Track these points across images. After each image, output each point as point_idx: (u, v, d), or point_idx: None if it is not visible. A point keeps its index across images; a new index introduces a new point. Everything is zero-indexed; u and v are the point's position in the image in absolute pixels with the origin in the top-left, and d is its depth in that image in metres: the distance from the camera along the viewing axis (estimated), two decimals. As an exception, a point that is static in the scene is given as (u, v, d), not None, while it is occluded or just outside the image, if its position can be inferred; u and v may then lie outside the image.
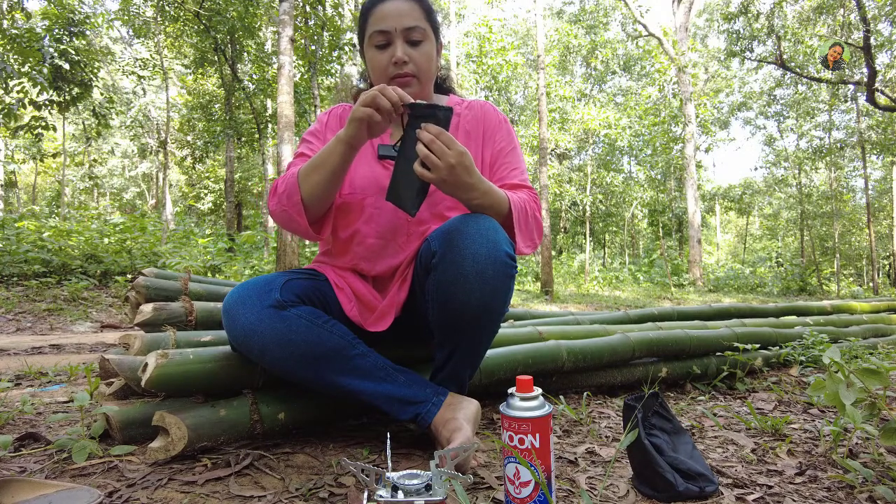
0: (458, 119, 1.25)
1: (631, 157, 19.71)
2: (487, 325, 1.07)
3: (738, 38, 10.38)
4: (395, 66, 1.12)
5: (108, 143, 20.78)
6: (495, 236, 1.01)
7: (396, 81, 1.13)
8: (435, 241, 1.05)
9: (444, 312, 1.04)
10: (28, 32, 7.03)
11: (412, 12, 1.13)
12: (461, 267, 0.99)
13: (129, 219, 8.15)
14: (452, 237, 1.01)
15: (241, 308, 1.03)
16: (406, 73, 1.13)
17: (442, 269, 1.01)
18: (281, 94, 5.61)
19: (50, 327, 3.90)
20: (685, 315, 2.46)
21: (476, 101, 1.30)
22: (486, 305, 1.02)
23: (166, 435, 0.99)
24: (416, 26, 1.12)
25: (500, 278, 1.01)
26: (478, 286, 1.00)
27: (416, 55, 1.13)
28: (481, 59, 15.16)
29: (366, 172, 1.19)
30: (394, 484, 0.72)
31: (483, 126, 1.25)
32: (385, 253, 1.18)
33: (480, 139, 1.25)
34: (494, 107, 1.29)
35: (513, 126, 7.80)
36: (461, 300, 1.01)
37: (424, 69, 1.15)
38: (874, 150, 14.07)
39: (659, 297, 9.51)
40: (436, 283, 1.03)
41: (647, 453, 0.92)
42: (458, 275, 1.00)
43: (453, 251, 1.00)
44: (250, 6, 10.41)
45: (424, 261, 1.07)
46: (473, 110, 1.27)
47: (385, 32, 1.11)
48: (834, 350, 1.15)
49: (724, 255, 27.95)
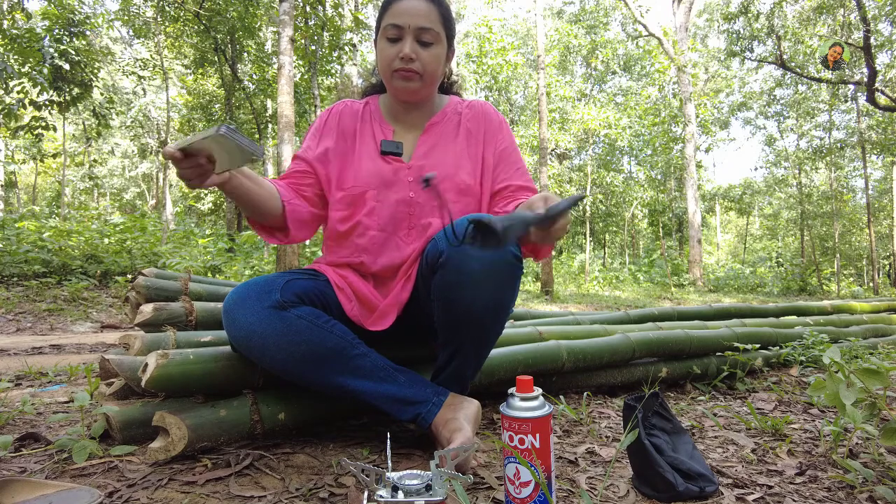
0: (459, 118, 1.27)
1: (631, 157, 19.70)
2: (493, 325, 1.07)
3: (738, 38, 10.38)
4: (400, 61, 1.13)
5: (109, 144, 20.79)
6: None
7: (400, 75, 1.15)
8: (442, 241, 1.05)
9: (449, 312, 1.04)
10: (28, 33, 7.03)
11: (429, 14, 1.14)
12: (468, 266, 1.00)
13: (130, 219, 8.16)
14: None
15: (241, 309, 1.03)
16: (410, 69, 1.14)
17: (448, 268, 1.01)
18: (281, 95, 5.62)
19: (50, 327, 3.90)
20: (685, 315, 2.46)
21: (476, 100, 1.32)
22: (492, 305, 1.02)
23: (166, 435, 0.99)
24: (430, 28, 1.14)
25: (507, 278, 1.02)
26: (485, 286, 1.00)
27: (424, 55, 1.14)
28: (481, 59, 15.16)
29: (369, 167, 1.20)
30: (394, 484, 0.72)
31: (484, 126, 1.27)
32: (387, 246, 1.19)
33: (482, 139, 1.26)
34: (493, 107, 1.32)
35: (513, 126, 7.85)
36: (468, 300, 1.01)
37: (430, 70, 1.16)
38: (874, 150, 14.06)
39: (659, 297, 9.51)
40: (442, 283, 1.03)
41: (648, 453, 0.92)
42: (465, 274, 1.00)
43: (459, 250, 1.00)
44: (250, 6, 10.41)
45: (431, 260, 1.07)
46: (474, 110, 1.29)
47: (398, 27, 1.13)
48: (834, 350, 1.15)
49: (725, 255, 27.94)
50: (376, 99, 1.31)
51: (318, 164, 1.22)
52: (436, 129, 1.25)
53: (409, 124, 1.26)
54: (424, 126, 1.26)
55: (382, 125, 1.25)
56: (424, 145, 1.24)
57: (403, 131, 1.26)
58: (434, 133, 1.25)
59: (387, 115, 1.27)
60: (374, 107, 1.28)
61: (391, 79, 1.17)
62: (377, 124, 1.25)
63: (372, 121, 1.26)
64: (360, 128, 1.25)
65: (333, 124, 1.26)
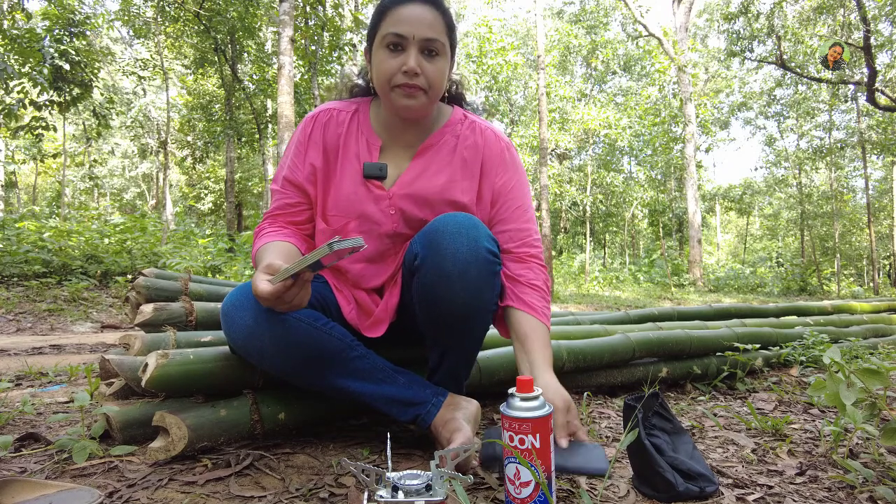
0: (456, 141, 1.17)
1: (631, 157, 19.70)
2: (475, 324, 1.06)
3: (738, 38, 10.38)
4: (404, 75, 1.04)
5: (109, 144, 20.78)
6: (476, 233, 1.00)
7: (403, 90, 1.05)
8: (417, 244, 1.04)
9: (430, 313, 1.04)
10: (28, 33, 7.03)
11: (435, 24, 1.05)
12: (442, 267, 0.98)
13: (130, 219, 8.15)
14: (432, 237, 1.01)
15: (240, 310, 1.02)
16: (415, 84, 1.04)
17: (424, 270, 1.01)
18: (281, 95, 5.62)
19: (50, 327, 3.90)
20: (685, 315, 2.46)
21: (479, 124, 1.20)
22: (470, 304, 1.01)
23: (166, 435, 0.99)
24: (436, 39, 1.04)
25: (483, 276, 1.00)
26: (460, 285, 0.99)
27: (429, 69, 1.05)
28: (481, 59, 15.15)
29: (349, 194, 1.13)
30: (394, 484, 0.72)
31: (482, 157, 1.17)
32: (376, 273, 1.18)
33: (478, 171, 1.17)
34: (497, 133, 1.20)
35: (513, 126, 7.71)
36: (446, 300, 1.00)
37: (435, 85, 1.07)
38: (874, 150, 14.06)
39: (659, 298, 9.51)
40: (420, 285, 1.03)
41: (648, 453, 0.92)
42: (440, 275, 0.99)
43: (434, 252, 0.99)
44: (250, 6, 10.41)
45: (408, 263, 1.07)
46: (475, 135, 1.18)
47: (401, 37, 1.03)
48: (834, 350, 1.15)
49: (725, 256, 27.93)
50: (367, 105, 1.20)
51: (309, 185, 1.15)
52: (430, 153, 1.16)
53: (402, 142, 1.16)
54: (418, 147, 1.16)
55: (370, 140, 1.15)
56: (414, 171, 1.14)
57: (394, 147, 1.16)
58: (427, 157, 1.15)
59: (377, 127, 1.17)
60: (363, 117, 1.18)
61: (390, 93, 1.07)
62: (363, 139, 1.15)
63: (358, 134, 1.16)
64: (344, 142, 1.15)
65: (318, 138, 1.16)
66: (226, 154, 12.75)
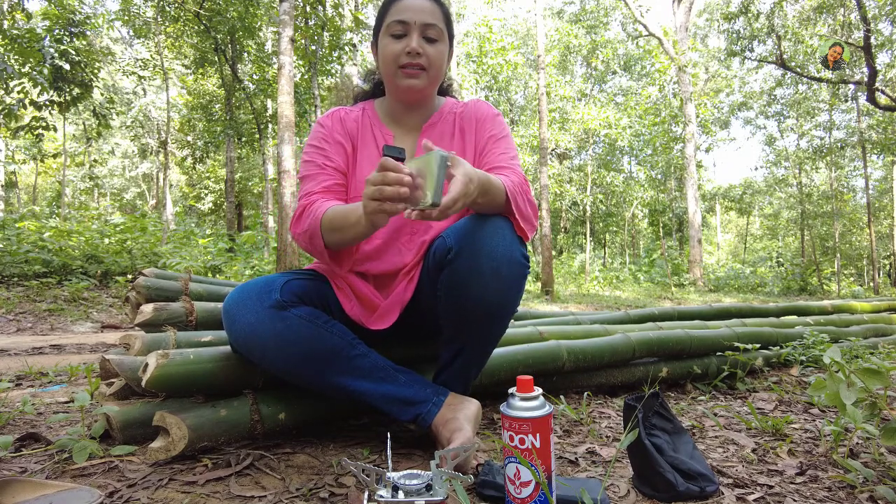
0: (454, 117, 1.27)
1: (631, 156, 19.70)
2: (498, 323, 1.08)
3: (738, 37, 10.37)
4: (407, 56, 1.13)
5: (109, 144, 20.80)
6: (511, 235, 1.03)
7: (406, 71, 1.14)
8: (451, 237, 1.04)
9: (457, 308, 1.05)
10: (28, 33, 7.03)
11: (433, 12, 1.15)
12: (477, 263, 1.00)
13: (130, 219, 8.15)
14: (469, 234, 1.02)
15: (241, 309, 1.03)
16: (417, 63, 1.14)
17: (458, 264, 1.02)
18: (281, 95, 5.62)
19: (50, 327, 3.90)
20: (686, 315, 2.46)
21: (472, 99, 1.32)
22: (499, 302, 1.03)
23: (167, 435, 0.99)
24: (435, 24, 1.14)
25: (515, 277, 1.02)
26: (493, 283, 1.00)
27: (430, 50, 1.15)
28: (481, 59, 15.16)
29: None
30: (394, 484, 0.72)
31: (475, 119, 1.27)
32: (389, 252, 1.19)
33: (473, 132, 1.26)
34: (489, 104, 1.31)
35: (513, 126, 7.77)
36: (476, 296, 1.01)
37: (435, 65, 1.16)
38: (875, 150, 14.05)
39: (659, 297, 9.51)
40: (450, 279, 1.03)
41: (648, 453, 0.92)
42: (475, 271, 1.00)
43: (470, 247, 1.01)
44: (250, 6, 10.41)
45: (439, 256, 1.06)
46: (468, 108, 1.29)
47: (404, 23, 1.13)
48: (834, 350, 1.15)
49: (725, 255, 27.93)
50: (371, 104, 1.30)
51: (345, 170, 1.21)
52: (433, 130, 1.25)
53: (407, 127, 1.26)
54: (422, 128, 1.25)
55: (382, 130, 1.24)
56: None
57: (402, 134, 1.25)
58: (431, 134, 1.24)
59: (385, 119, 1.26)
60: (371, 112, 1.27)
61: (396, 76, 1.16)
62: (377, 129, 1.24)
63: (372, 126, 1.25)
64: (361, 133, 1.24)
65: (339, 129, 1.24)
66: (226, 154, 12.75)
